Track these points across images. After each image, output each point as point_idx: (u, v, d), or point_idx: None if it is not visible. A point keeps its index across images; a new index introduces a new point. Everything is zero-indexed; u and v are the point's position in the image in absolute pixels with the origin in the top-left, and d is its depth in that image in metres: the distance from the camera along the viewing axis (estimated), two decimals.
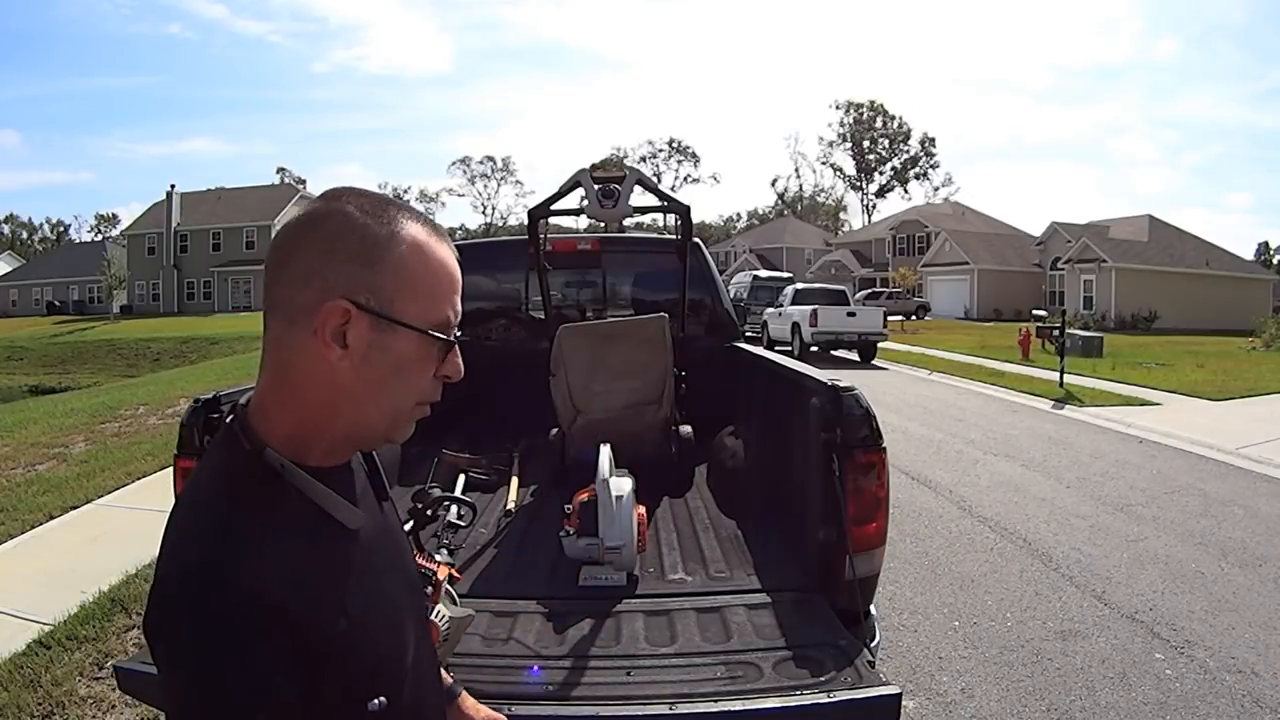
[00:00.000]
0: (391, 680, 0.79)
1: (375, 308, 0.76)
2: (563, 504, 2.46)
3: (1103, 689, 3.06)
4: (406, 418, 0.81)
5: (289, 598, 0.69)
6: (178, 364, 24.11)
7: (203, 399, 2.05)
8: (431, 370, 0.80)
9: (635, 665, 1.78)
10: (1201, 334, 26.32)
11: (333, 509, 0.77)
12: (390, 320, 0.76)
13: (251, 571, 0.68)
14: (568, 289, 4.76)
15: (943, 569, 4.43)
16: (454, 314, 0.81)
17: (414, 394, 0.80)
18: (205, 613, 0.68)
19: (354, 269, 0.76)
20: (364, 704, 0.74)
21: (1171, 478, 6.66)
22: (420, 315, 0.77)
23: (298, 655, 0.69)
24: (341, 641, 0.73)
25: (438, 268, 0.80)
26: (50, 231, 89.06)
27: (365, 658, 0.75)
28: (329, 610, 0.73)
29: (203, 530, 0.72)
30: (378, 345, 0.76)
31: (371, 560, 0.81)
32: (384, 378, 0.77)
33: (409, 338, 0.77)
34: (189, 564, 0.70)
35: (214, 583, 0.68)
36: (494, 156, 79.61)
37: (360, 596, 0.77)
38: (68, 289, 52.20)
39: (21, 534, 4.84)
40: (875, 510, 2.06)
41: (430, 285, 0.79)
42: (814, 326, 16.46)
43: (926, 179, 71.87)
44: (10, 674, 3.04)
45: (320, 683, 0.70)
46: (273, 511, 0.74)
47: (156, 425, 8.64)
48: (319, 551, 0.75)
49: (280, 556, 0.71)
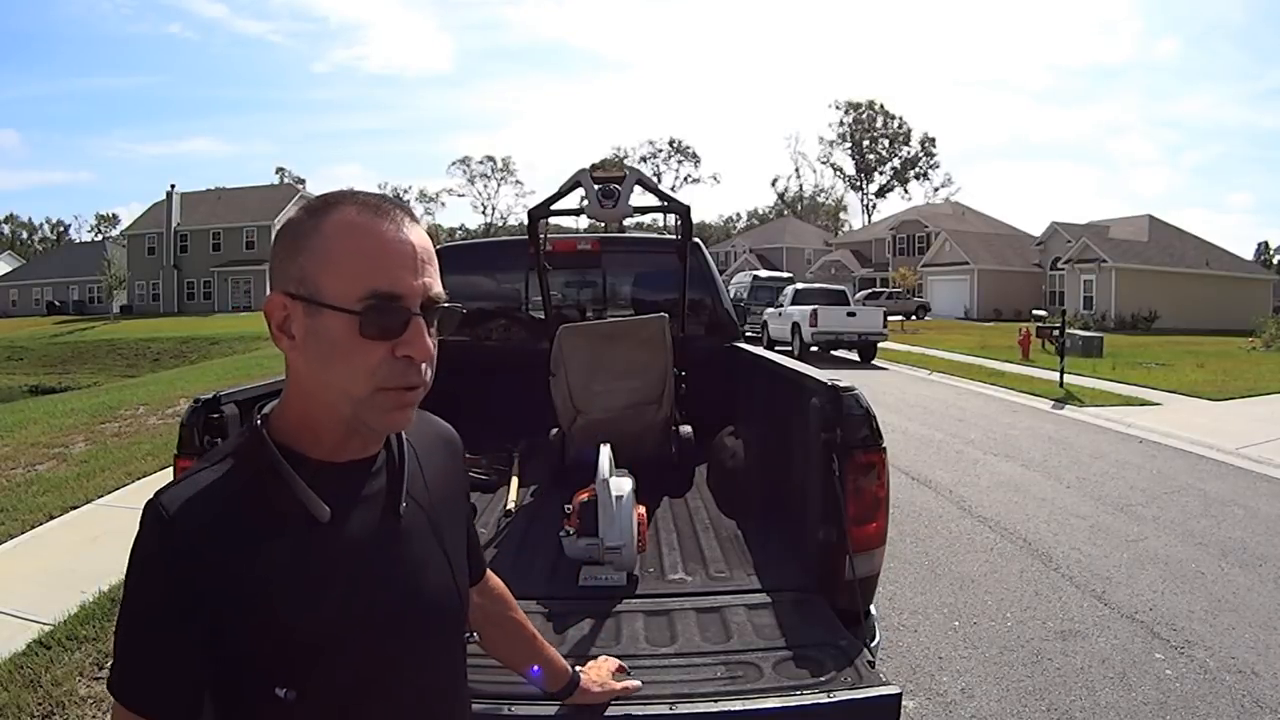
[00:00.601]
0: (312, 676, 0.77)
1: (303, 294, 0.78)
2: (563, 504, 2.46)
3: (1103, 689, 3.06)
4: (370, 403, 0.78)
5: (216, 554, 0.74)
6: (178, 364, 24.11)
7: (203, 399, 2.04)
8: (375, 351, 0.77)
9: (635, 665, 1.77)
10: (1201, 334, 26.32)
11: (303, 497, 0.79)
12: (315, 304, 0.77)
13: (192, 517, 0.75)
14: (568, 289, 4.76)
15: (943, 569, 4.43)
16: (396, 287, 0.77)
17: (360, 376, 0.77)
18: (140, 536, 0.76)
19: (286, 263, 0.80)
20: (270, 688, 0.76)
21: (1171, 478, 6.66)
22: (341, 293, 0.76)
23: (202, 602, 0.73)
24: (256, 616, 0.75)
25: (367, 245, 0.78)
26: (50, 231, 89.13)
27: (278, 642, 0.76)
28: (251, 581, 0.75)
29: (187, 472, 0.81)
30: (311, 330, 0.78)
31: (337, 555, 0.80)
32: (322, 361, 0.78)
33: (335, 318, 0.77)
34: (157, 490, 0.78)
35: (156, 515, 0.75)
36: (494, 156, 79.62)
37: (299, 583, 0.77)
38: (68, 289, 52.19)
39: (21, 534, 4.84)
40: (875, 510, 2.05)
41: (352, 261, 0.77)
42: (814, 326, 16.45)
43: (926, 179, 71.95)
44: (10, 674, 3.04)
45: (222, 639, 0.74)
46: (244, 485, 0.78)
47: (156, 425, 8.64)
48: (270, 530, 0.77)
49: (226, 519, 0.76)
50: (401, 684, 0.83)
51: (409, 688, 0.84)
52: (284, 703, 0.75)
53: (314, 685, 0.77)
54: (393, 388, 0.78)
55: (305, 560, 0.78)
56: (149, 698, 0.74)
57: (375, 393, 0.78)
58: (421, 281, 0.79)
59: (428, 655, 0.87)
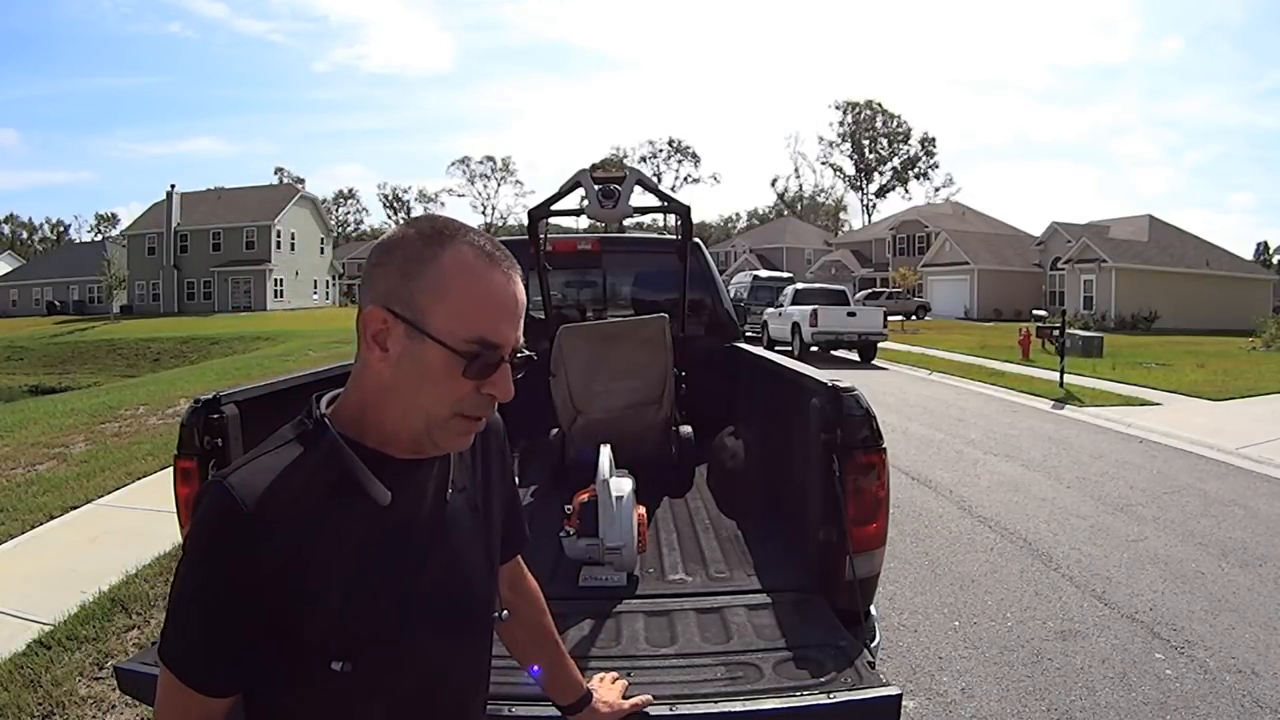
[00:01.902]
0: (366, 651, 0.83)
1: (408, 317, 0.83)
2: (563, 504, 2.46)
3: (1103, 689, 3.06)
4: (445, 426, 0.85)
5: (280, 535, 0.79)
6: (178, 364, 24.12)
7: (203, 399, 2.04)
8: (464, 385, 0.84)
9: (635, 666, 1.78)
10: (1201, 334, 26.32)
11: (365, 480, 0.84)
12: (419, 331, 0.83)
13: (258, 498, 0.79)
14: (568, 289, 4.76)
15: (943, 569, 4.43)
16: (497, 337, 0.84)
17: (446, 403, 0.84)
18: (204, 514, 0.80)
19: (395, 281, 0.84)
20: (327, 661, 0.82)
21: (1171, 478, 6.66)
22: (448, 330, 0.82)
23: (264, 582, 0.78)
24: (317, 594, 0.81)
25: (481, 292, 0.84)
26: (50, 231, 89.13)
27: (336, 618, 0.82)
28: (315, 561, 0.81)
29: (248, 456, 0.86)
30: (409, 352, 0.83)
31: (394, 538, 0.87)
32: (413, 383, 0.84)
33: (436, 350, 0.83)
34: (220, 472, 0.83)
35: (221, 494, 0.80)
36: (494, 156, 79.81)
37: (359, 563, 0.84)
38: (68, 289, 52.16)
39: (21, 534, 4.84)
40: (875, 511, 2.05)
41: (467, 304, 0.83)
42: (814, 326, 16.45)
43: (926, 179, 72.00)
44: (10, 674, 3.04)
45: (283, 616, 0.80)
46: (309, 468, 0.83)
47: (156, 425, 8.64)
48: (333, 511, 0.83)
49: (291, 501, 0.81)
50: (436, 661, 0.91)
51: (442, 664, 0.92)
52: (339, 675, 0.82)
53: (367, 660, 0.83)
54: (465, 415, 0.86)
55: (365, 541, 0.84)
56: (199, 671, 0.80)
57: (453, 418, 0.85)
58: (517, 334, 0.87)
59: (463, 634, 0.95)
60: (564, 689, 1.28)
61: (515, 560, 1.19)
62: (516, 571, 1.20)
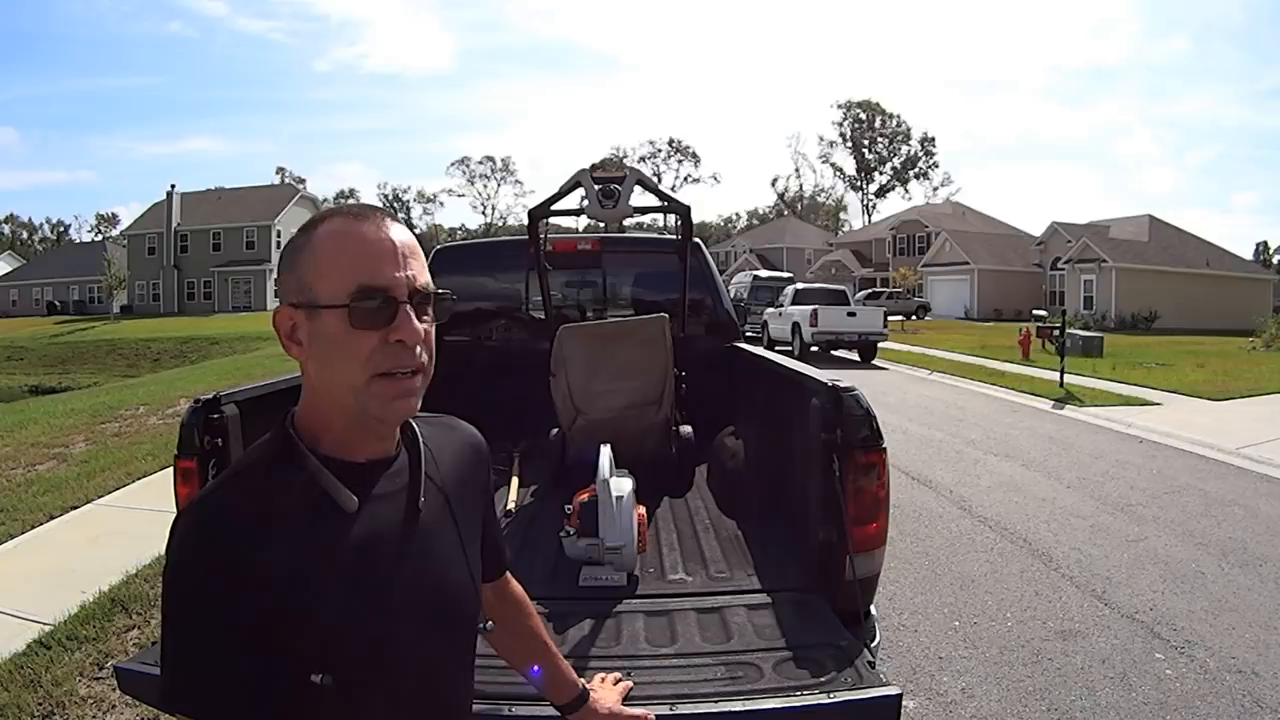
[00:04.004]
0: (346, 662, 0.82)
1: (303, 302, 0.85)
2: (563, 504, 2.46)
3: (1103, 689, 3.06)
4: (369, 392, 0.84)
5: (253, 554, 0.78)
6: (178, 364, 24.12)
7: (203, 399, 2.04)
8: (367, 339, 0.83)
9: (635, 665, 1.78)
10: (1201, 334, 26.30)
11: (331, 490, 0.84)
12: (314, 308, 0.84)
13: (225, 522, 0.80)
14: (568, 289, 4.75)
15: (943, 569, 4.43)
16: (378, 280, 0.84)
17: (358, 365, 0.83)
18: (176, 546, 0.80)
19: (287, 277, 0.88)
20: (306, 674, 0.80)
21: (1172, 478, 6.66)
22: (332, 292, 0.83)
23: (244, 604, 0.77)
24: (292, 607, 0.79)
25: (350, 245, 0.85)
26: (50, 231, 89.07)
27: (312, 630, 0.80)
28: (287, 575, 0.79)
29: (212, 484, 0.87)
30: (314, 333, 0.85)
31: (364, 545, 0.85)
32: (327, 359, 0.85)
33: (330, 316, 0.84)
34: (187, 504, 0.84)
35: (190, 524, 0.81)
36: (493, 156, 79.74)
37: (331, 572, 0.82)
38: (68, 289, 52.16)
39: (21, 534, 4.84)
40: (876, 510, 2.05)
41: (339, 262, 0.84)
42: (814, 326, 16.46)
43: (926, 179, 71.95)
44: (10, 674, 3.04)
45: (263, 633, 0.78)
46: (274, 482, 0.83)
47: (157, 425, 8.64)
48: (302, 523, 0.82)
49: (259, 518, 0.80)
50: (419, 670, 0.89)
51: (425, 674, 0.90)
52: (320, 688, 0.80)
53: (345, 671, 0.81)
54: (389, 372, 0.84)
55: (335, 550, 0.83)
56: (205, 704, 0.78)
57: (373, 379, 0.84)
58: (405, 274, 0.85)
59: (443, 644, 0.93)
60: (559, 688, 1.28)
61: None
62: (501, 579, 1.20)
